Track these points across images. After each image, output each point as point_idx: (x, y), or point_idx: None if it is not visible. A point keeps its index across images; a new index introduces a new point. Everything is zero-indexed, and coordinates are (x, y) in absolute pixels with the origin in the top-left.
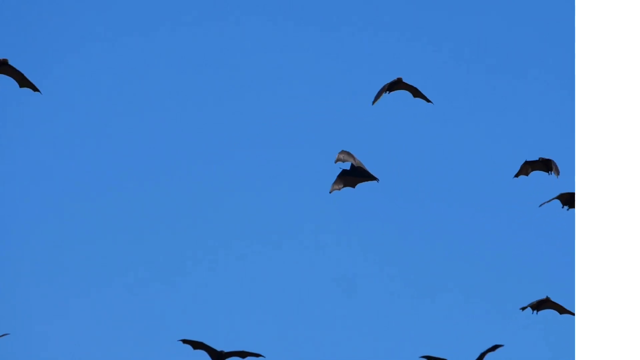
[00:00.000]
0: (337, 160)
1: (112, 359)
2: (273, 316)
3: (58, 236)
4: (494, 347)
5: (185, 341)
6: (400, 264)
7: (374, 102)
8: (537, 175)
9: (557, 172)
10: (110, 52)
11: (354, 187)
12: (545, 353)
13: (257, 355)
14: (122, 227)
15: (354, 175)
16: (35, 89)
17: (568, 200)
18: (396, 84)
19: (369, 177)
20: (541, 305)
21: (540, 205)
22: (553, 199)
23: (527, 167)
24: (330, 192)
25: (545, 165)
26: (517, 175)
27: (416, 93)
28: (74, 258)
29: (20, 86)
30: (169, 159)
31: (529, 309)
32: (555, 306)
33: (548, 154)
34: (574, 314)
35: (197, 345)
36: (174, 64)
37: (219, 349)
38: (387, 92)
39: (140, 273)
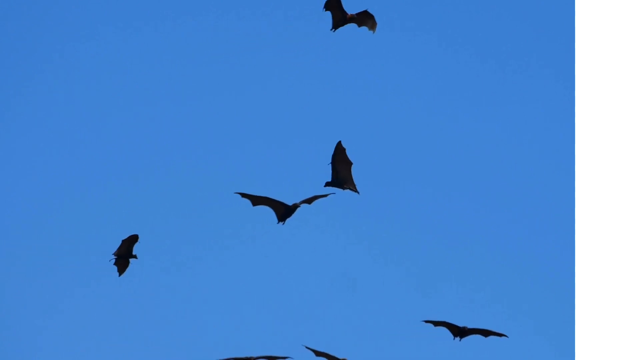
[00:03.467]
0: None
1: (110, 358)
2: (272, 314)
3: (55, 234)
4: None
5: (427, 322)
6: (401, 260)
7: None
8: (540, 174)
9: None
10: (107, 49)
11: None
12: (545, 353)
13: (500, 334)
14: (119, 225)
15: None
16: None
17: None
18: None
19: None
20: None
21: None
22: None
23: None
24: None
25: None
26: (334, 29)
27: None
28: (70, 256)
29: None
30: (166, 156)
31: None
32: None
33: (548, 153)
34: None
35: (438, 323)
36: (170, 60)
37: (461, 325)
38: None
39: (137, 271)
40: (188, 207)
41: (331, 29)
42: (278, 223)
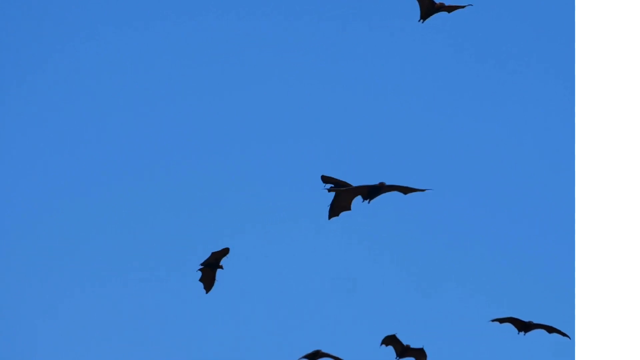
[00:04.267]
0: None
1: (110, 358)
2: (272, 314)
3: (55, 234)
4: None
5: (494, 320)
6: (401, 260)
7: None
8: (540, 174)
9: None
10: (106, 49)
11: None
12: (545, 353)
13: (564, 334)
14: (117, 225)
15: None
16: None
17: None
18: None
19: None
20: None
21: None
22: None
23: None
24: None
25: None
26: (422, 19)
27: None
28: (69, 257)
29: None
30: (165, 155)
31: None
32: None
33: (548, 153)
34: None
35: (504, 320)
36: (170, 60)
37: (526, 319)
38: (368, 200)
39: (137, 271)
40: (187, 207)
41: (419, 20)
42: (363, 201)
